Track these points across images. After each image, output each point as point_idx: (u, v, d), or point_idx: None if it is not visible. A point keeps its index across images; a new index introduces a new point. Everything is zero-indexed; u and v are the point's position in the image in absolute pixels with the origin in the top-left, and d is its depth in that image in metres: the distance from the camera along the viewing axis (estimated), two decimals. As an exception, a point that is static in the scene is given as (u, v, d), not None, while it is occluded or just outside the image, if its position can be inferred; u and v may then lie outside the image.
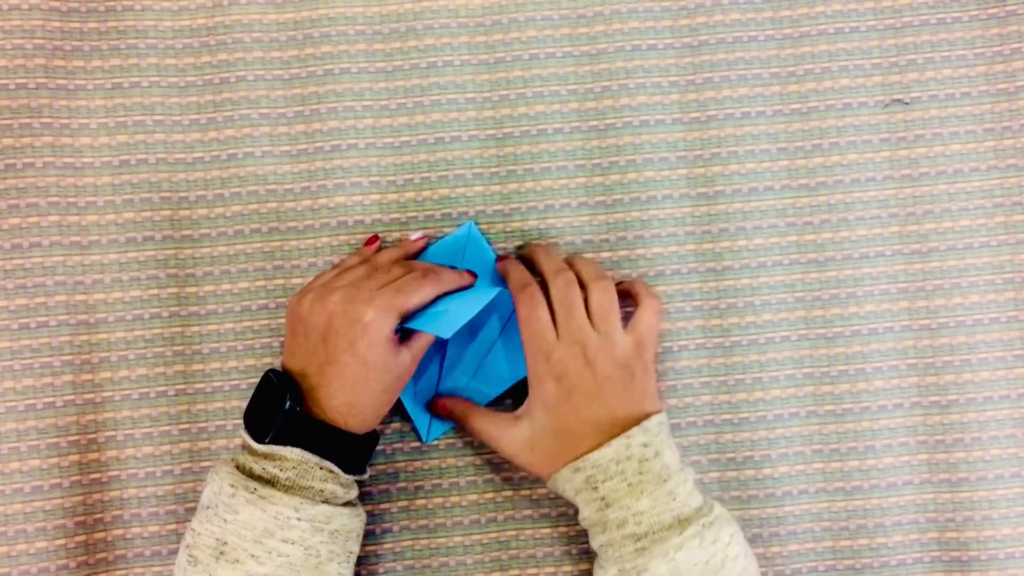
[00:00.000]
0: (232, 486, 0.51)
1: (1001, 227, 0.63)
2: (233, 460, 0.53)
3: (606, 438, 0.53)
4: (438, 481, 0.62)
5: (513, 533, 0.62)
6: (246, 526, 0.50)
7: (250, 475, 0.52)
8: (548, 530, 0.62)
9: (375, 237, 0.61)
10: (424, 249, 0.62)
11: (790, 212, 0.63)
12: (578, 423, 0.53)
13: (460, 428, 0.62)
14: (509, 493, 0.62)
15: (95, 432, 0.61)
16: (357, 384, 0.53)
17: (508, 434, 0.56)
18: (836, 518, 0.62)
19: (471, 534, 0.62)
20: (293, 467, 0.52)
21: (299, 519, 0.50)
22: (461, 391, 0.61)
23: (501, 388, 0.61)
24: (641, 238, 0.63)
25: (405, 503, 0.62)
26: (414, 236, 0.61)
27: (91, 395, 0.61)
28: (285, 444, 0.52)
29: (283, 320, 0.62)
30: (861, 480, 0.62)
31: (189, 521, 0.60)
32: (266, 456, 0.52)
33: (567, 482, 0.54)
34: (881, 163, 0.63)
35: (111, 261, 0.61)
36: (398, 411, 0.62)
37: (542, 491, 0.62)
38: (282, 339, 0.62)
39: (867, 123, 0.63)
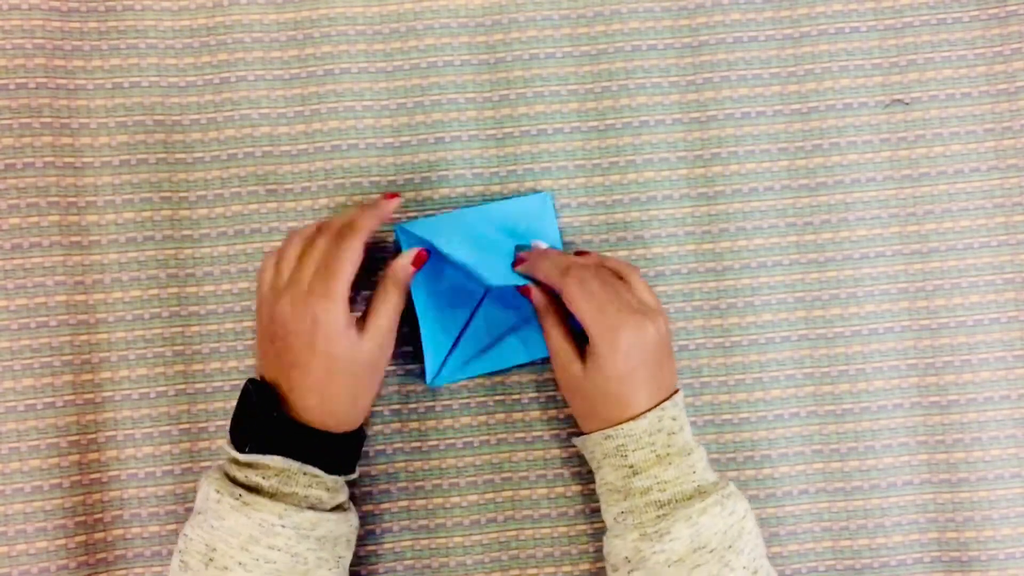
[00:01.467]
0: (218, 492, 0.51)
1: (1001, 227, 0.63)
2: (222, 467, 0.53)
3: (648, 404, 0.53)
4: (438, 481, 0.62)
5: (513, 533, 0.62)
6: (232, 533, 0.50)
7: (235, 482, 0.52)
8: (548, 530, 0.62)
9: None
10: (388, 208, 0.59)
11: (790, 212, 0.63)
12: (629, 387, 0.53)
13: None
14: (509, 493, 0.62)
15: (95, 432, 0.61)
16: (324, 380, 0.52)
17: (567, 369, 0.55)
18: (836, 518, 0.62)
19: (471, 534, 0.62)
20: (275, 475, 0.51)
21: (283, 526, 0.50)
22: (479, 348, 0.61)
23: (513, 363, 0.61)
24: (641, 238, 0.63)
25: (405, 503, 0.62)
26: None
27: (91, 395, 0.61)
28: (267, 452, 0.51)
29: (283, 320, 0.62)
30: (861, 480, 0.62)
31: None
32: (249, 465, 0.52)
33: (597, 446, 0.54)
34: (881, 163, 0.63)
35: (111, 261, 0.61)
36: (415, 352, 0.61)
37: (542, 491, 0.62)
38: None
39: (867, 123, 0.63)
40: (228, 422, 0.61)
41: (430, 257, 0.58)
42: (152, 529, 0.61)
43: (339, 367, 0.52)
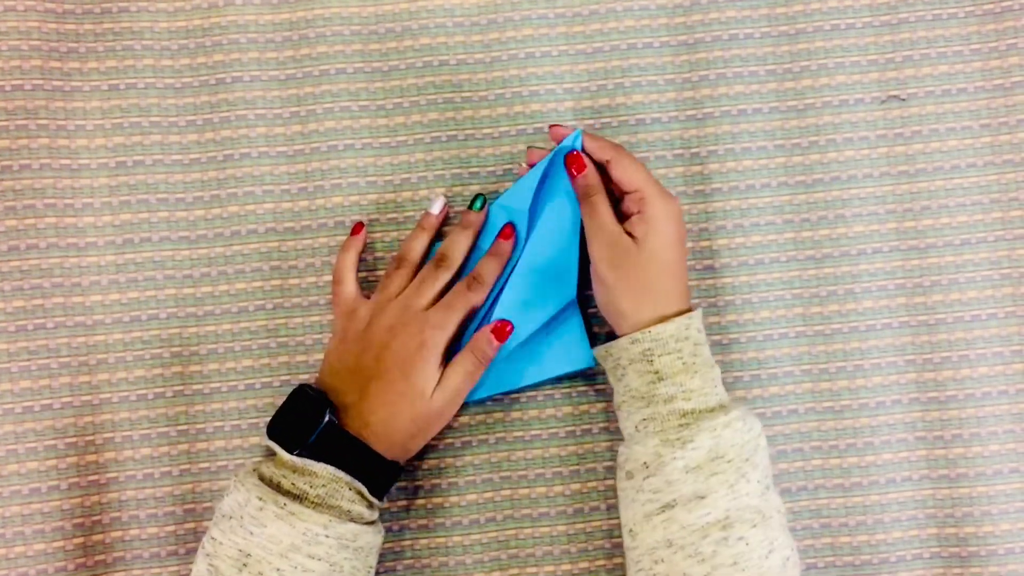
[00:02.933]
0: (260, 499, 0.51)
1: (998, 223, 0.63)
2: (256, 471, 0.53)
3: (679, 307, 0.54)
4: (437, 481, 0.62)
5: (513, 533, 0.62)
6: (272, 540, 0.50)
7: (278, 489, 0.52)
8: (548, 530, 0.62)
9: (359, 226, 0.61)
10: (445, 219, 0.61)
11: (787, 209, 0.63)
12: (669, 277, 0.54)
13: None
14: (508, 493, 0.62)
15: (93, 434, 0.61)
16: (397, 402, 0.54)
17: (618, 244, 0.55)
18: (835, 514, 0.62)
19: (470, 534, 0.62)
20: (323, 485, 0.52)
21: (327, 536, 0.51)
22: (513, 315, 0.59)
23: (551, 375, 0.61)
24: (638, 236, 0.63)
25: (405, 503, 0.62)
26: (435, 208, 0.60)
27: (89, 397, 0.61)
28: (315, 459, 0.52)
29: (281, 320, 0.62)
30: (860, 476, 0.62)
31: (187, 523, 0.60)
32: (296, 470, 0.52)
33: (623, 351, 0.54)
34: (878, 159, 0.63)
35: (108, 262, 0.61)
36: None
37: (541, 490, 0.62)
38: (279, 339, 0.62)
39: (863, 120, 0.63)
40: (226, 423, 0.61)
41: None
42: (150, 531, 0.61)
43: (412, 395, 0.54)
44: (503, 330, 0.57)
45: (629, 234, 0.55)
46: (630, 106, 0.63)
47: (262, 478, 0.53)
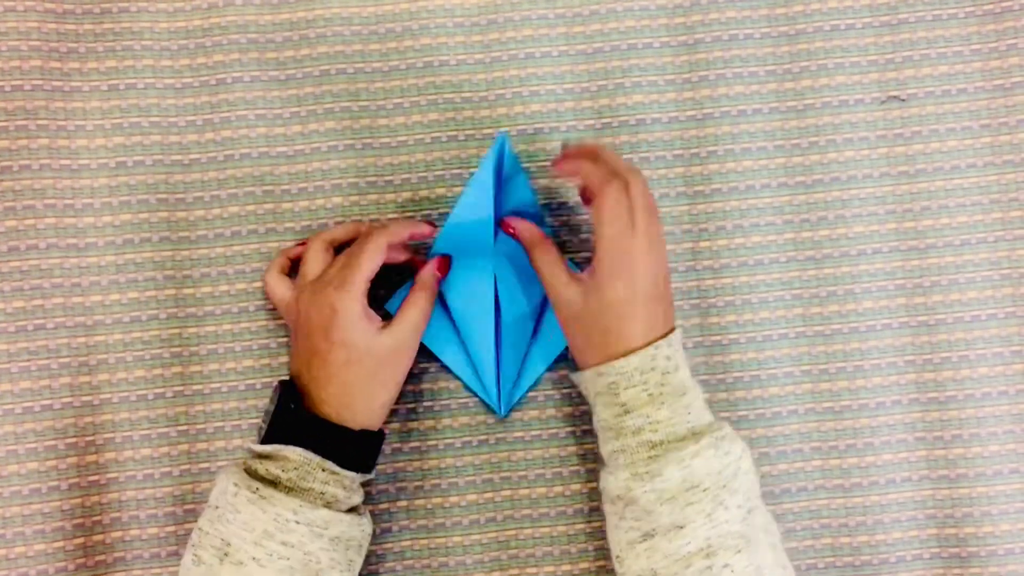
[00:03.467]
0: (236, 485, 0.51)
1: (998, 223, 0.63)
2: (243, 462, 0.54)
3: (652, 332, 0.53)
4: (438, 481, 0.62)
5: (513, 533, 0.62)
6: (246, 527, 0.50)
7: (255, 476, 0.52)
8: (548, 530, 0.62)
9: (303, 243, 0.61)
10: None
11: (787, 210, 0.63)
12: (629, 290, 0.52)
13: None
14: (508, 493, 0.62)
15: (93, 434, 0.61)
16: (340, 370, 0.53)
17: (564, 295, 0.55)
18: (835, 515, 0.62)
19: (471, 534, 0.62)
20: (295, 468, 0.52)
21: (298, 522, 0.50)
22: (524, 356, 0.62)
23: (555, 355, 0.62)
24: (638, 236, 0.63)
25: (405, 503, 0.62)
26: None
27: (89, 397, 0.61)
28: (285, 443, 0.52)
29: (280, 321, 0.62)
30: (860, 477, 0.62)
31: (187, 523, 0.61)
32: (268, 456, 0.52)
33: (590, 383, 0.54)
34: (878, 160, 0.63)
35: (108, 263, 0.61)
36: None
37: (541, 491, 0.62)
38: (279, 339, 0.62)
39: (863, 120, 0.63)
40: (226, 423, 0.61)
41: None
42: (151, 531, 0.61)
43: (355, 357, 0.53)
44: (444, 263, 0.59)
45: (584, 282, 0.54)
46: (630, 106, 0.63)
47: (246, 470, 0.53)
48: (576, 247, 0.63)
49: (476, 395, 0.62)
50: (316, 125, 0.63)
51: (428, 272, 0.58)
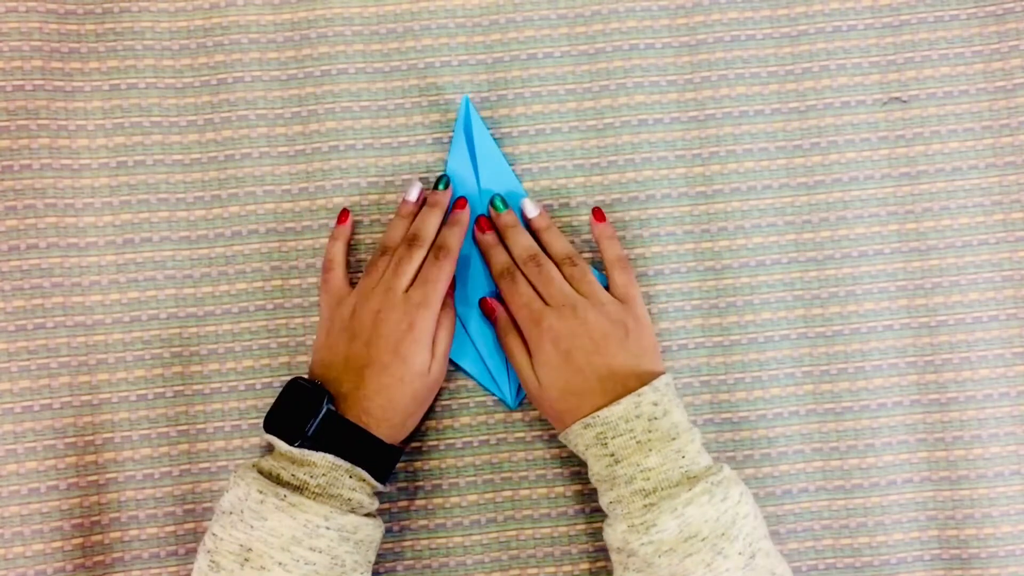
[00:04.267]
0: (260, 492, 0.51)
1: (1000, 225, 0.63)
2: (255, 465, 0.53)
3: (612, 396, 0.54)
4: (438, 481, 0.62)
5: (513, 533, 0.62)
6: (273, 533, 0.50)
7: (278, 481, 0.52)
8: (548, 530, 0.62)
9: (345, 214, 0.61)
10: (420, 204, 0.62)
11: (789, 211, 0.63)
12: (582, 381, 0.54)
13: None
14: (509, 493, 0.62)
15: (92, 434, 0.61)
16: (394, 385, 0.54)
17: (526, 380, 0.57)
18: (836, 516, 0.62)
19: (471, 534, 0.62)
20: (323, 474, 0.52)
21: (328, 528, 0.51)
22: None
23: None
24: (640, 237, 0.63)
25: (405, 503, 0.62)
26: (412, 195, 0.61)
27: (88, 397, 0.61)
28: (313, 450, 0.52)
29: (281, 321, 0.62)
30: (861, 478, 0.62)
31: (187, 523, 0.60)
32: (295, 461, 0.52)
33: (578, 437, 0.54)
34: (879, 161, 0.63)
35: (108, 262, 0.61)
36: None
37: (542, 491, 0.62)
38: (279, 339, 0.62)
39: (865, 121, 0.63)
40: (226, 423, 0.61)
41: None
42: (150, 531, 0.61)
43: (409, 377, 0.54)
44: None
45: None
46: (632, 107, 0.63)
47: (261, 472, 0.53)
48: (577, 247, 0.63)
49: (486, 389, 0.62)
50: (317, 125, 0.63)
51: (450, 302, 0.59)
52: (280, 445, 0.53)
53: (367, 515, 0.54)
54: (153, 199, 0.62)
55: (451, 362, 0.61)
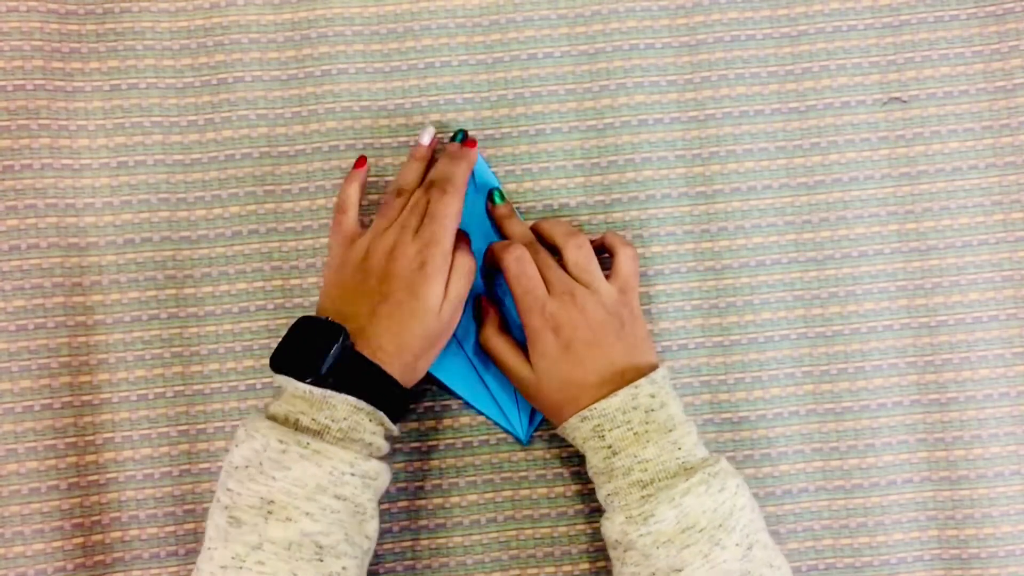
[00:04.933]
0: (281, 441, 0.49)
1: (1000, 225, 0.63)
2: (268, 413, 0.52)
3: (609, 388, 0.54)
4: (438, 481, 0.62)
5: (513, 533, 0.62)
6: (298, 483, 0.49)
7: (296, 427, 0.50)
8: (548, 530, 0.62)
9: (362, 159, 0.61)
10: (434, 149, 0.61)
11: (789, 211, 0.63)
12: (580, 372, 0.54)
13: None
14: (509, 493, 0.62)
15: (93, 434, 0.61)
16: (407, 320, 0.53)
17: (519, 376, 0.57)
18: (836, 516, 0.62)
19: (471, 534, 0.62)
20: (344, 417, 0.51)
21: (353, 474, 0.50)
22: None
23: None
24: (640, 237, 0.63)
25: (405, 503, 0.62)
26: (425, 139, 0.61)
27: (89, 397, 0.61)
28: (327, 389, 0.51)
29: (282, 321, 0.62)
30: (861, 478, 0.62)
31: (187, 523, 0.60)
32: (314, 404, 0.51)
33: (575, 430, 0.54)
34: (879, 161, 0.63)
35: (109, 263, 0.61)
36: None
37: (542, 491, 0.62)
38: (280, 339, 0.62)
39: (865, 121, 0.63)
40: (227, 423, 0.61)
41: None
42: (150, 531, 0.61)
43: (422, 313, 0.53)
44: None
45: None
46: (632, 107, 0.63)
47: (275, 419, 0.51)
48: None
49: (499, 425, 0.62)
50: (317, 125, 0.63)
51: (467, 248, 0.57)
52: (295, 386, 0.51)
53: (382, 458, 0.53)
54: (154, 199, 0.62)
55: (461, 398, 0.62)
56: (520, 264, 0.56)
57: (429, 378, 0.59)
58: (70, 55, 0.62)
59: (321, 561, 0.49)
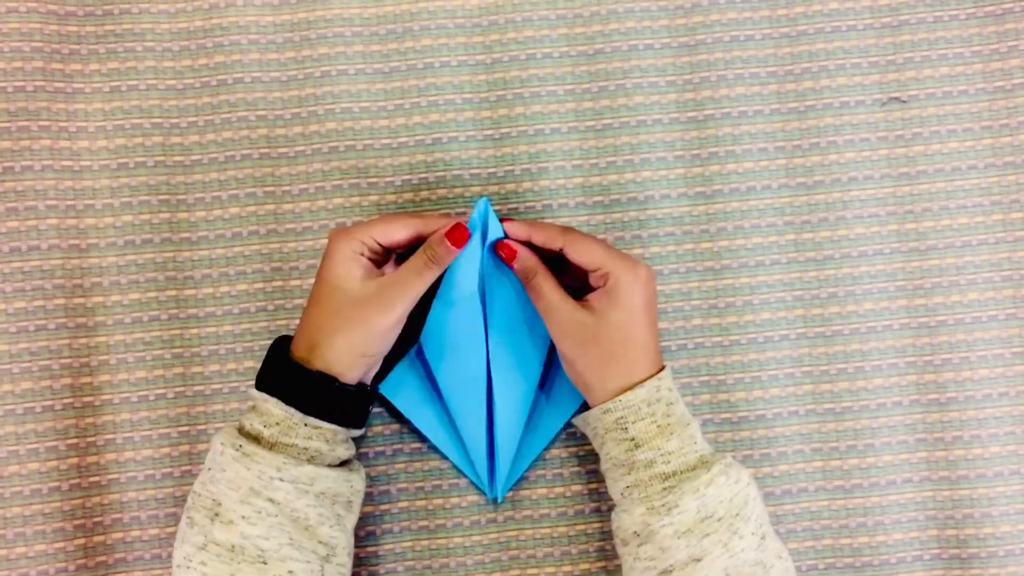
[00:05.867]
0: (222, 444, 0.51)
1: (999, 225, 0.63)
2: (238, 420, 0.54)
3: (645, 374, 0.53)
4: (438, 482, 0.62)
5: (513, 533, 0.62)
6: (232, 485, 0.50)
7: (240, 431, 0.52)
8: (548, 530, 0.62)
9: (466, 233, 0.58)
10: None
11: (788, 211, 0.63)
12: (643, 338, 0.53)
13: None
14: (509, 494, 0.62)
15: (94, 435, 0.61)
16: (322, 312, 0.53)
17: (573, 320, 0.54)
18: (835, 516, 0.62)
19: (471, 534, 0.62)
20: (276, 423, 0.51)
21: (282, 479, 0.50)
22: (520, 439, 0.60)
23: (565, 417, 0.61)
24: (639, 238, 0.63)
25: (405, 504, 0.62)
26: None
27: (90, 398, 0.61)
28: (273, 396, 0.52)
29: (281, 322, 0.62)
30: (860, 478, 0.62)
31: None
32: (255, 409, 0.52)
33: (597, 421, 0.54)
34: (879, 161, 0.63)
35: (109, 264, 0.61)
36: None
37: (542, 491, 0.62)
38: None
39: (864, 122, 0.63)
40: (227, 424, 0.61)
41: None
42: (152, 532, 0.61)
43: (327, 291, 0.53)
44: (462, 235, 0.54)
45: (591, 305, 0.54)
46: (631, 107, 0.63)
47: (239, 429, 0.53)
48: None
49: (467, 478, 0.62)
50: (317, 126, 0.63)
51: (437, 239, 0.54)
52: (250, 392, 0.53)
53: (339, 465, 0.53)
54: (154, 200, 0.62)
55: (436, 449, 0.61)
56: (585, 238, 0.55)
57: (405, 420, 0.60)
58: (70, 57, 0.62)
59: (265, 564, 0.50)
